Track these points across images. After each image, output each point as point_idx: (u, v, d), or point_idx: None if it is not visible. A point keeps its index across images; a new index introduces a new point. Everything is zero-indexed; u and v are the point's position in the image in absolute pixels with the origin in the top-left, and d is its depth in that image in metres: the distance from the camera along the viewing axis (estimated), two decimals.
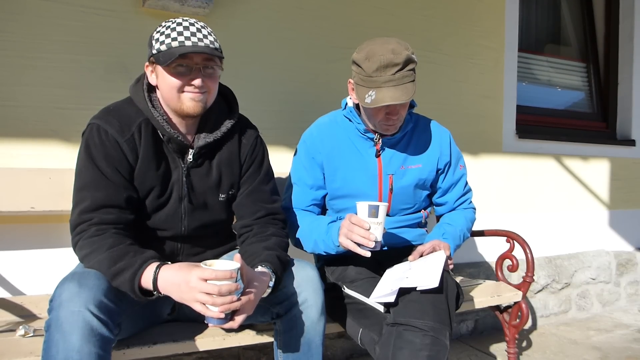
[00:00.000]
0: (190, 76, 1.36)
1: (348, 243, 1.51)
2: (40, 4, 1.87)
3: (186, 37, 1.33)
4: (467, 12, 2.94)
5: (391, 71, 1.56)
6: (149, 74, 1.42)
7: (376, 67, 1.57)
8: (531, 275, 2.11)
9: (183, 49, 1.31)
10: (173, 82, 1.36)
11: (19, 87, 1.84)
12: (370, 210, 1.48)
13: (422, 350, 1.36)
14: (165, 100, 1.42)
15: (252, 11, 2.28)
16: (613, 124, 3.74)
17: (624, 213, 3.66)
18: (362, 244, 1.48)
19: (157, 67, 1.37)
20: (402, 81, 1.57)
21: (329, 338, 2.37)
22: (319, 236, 1.65)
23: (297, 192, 1.80)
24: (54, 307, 1.15)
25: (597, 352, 2.60)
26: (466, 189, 1.94)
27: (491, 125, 3.05)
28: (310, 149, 1.79)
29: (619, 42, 3.72)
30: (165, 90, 1.39)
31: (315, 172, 1.79)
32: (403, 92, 1.56)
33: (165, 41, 1.33)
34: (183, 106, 1.38)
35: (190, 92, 1.37)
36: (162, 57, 1.33)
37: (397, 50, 1.57)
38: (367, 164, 1.77)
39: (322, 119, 1.88)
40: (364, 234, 1.47)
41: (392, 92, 1.56)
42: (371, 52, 1.59)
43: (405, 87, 1.57)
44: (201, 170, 1.48)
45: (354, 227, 1.49)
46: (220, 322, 1.21)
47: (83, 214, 1.32)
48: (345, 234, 1.52)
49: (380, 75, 1.57)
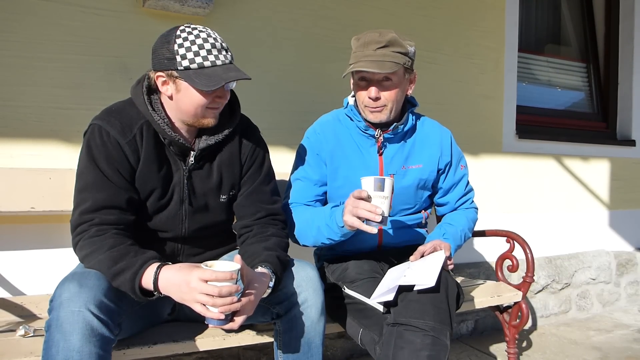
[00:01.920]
0: (216, 93, 1.37)
1: (354, 220, 1.45)
2: (40, 4, 1.87)
3: (215, 55, 1.33)
4: (467, 12, 2.94)
5: (372, 47, 1.61)
6: (160, 85, 1.38)
7: (361, 43, 1.64)
8: (531, 276, 2.11)
9: (222, 73, 1.32)
10: (201, 100, 1.35)
11: (19, 87, 1.84)
12: (376, 184, 1.42)
13: (423, 350, 1.36)
14: (182, 112, 1.40)
15: (252, 11, 2.28)
16: (613, 124, 3.74)
17: (624, 213, 3.66)
18: (368, 218, 1.43)
19: (181, 82, 1.34)
20: (381, 58, 1.60)
21: (329, 338, 2.37)
22: (322, 221, 1.60)
23: (301, 187, 1.77)
24: (54, 307, 1.15)
25: (597, 352, 2.60)
26: (467, 188, 1.94)
27: (491, 125, 3.05)
28: (314, 145, 1.79)
29: (619, 42, 3.72)
30: (187, 105, 1.37)
31: (320, 168, 1.78)
32: (378, 65, 1.59)
33: (196, 59, 1.31)
34: (204, 120, 1.40)
35: (212, 107, 1.39)
36: (196, 78, 1.31)
37: (384, 33, 1.63)
38: (369, 163, 1.77)
39: (325, 117, 1.88)
40: (370, 207, 1.42)
41: (366, 64, 1.60)
42: (363, 33, 1.67)
43: (383, 63, 1.60)
44: (202, 172, 1.48)
45: (359, 202, 1.44)
46: (220, 323, 1.21)
47: (84, 215, 1.32)
48: (350, 211, 1.46)
49: (362, 51, 1.63)
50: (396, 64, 1.61)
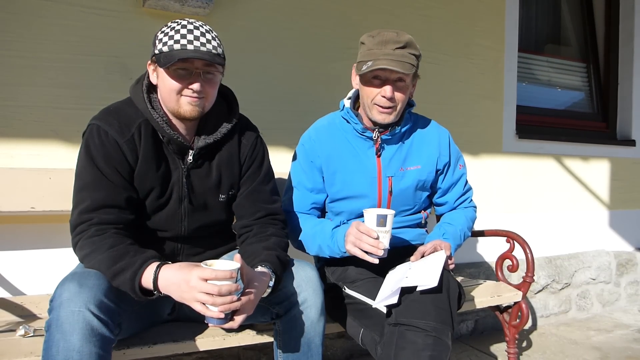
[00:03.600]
0: (189, 80, 1.36)
1: (356, 251, 1.53)
2: (40, 4, 1.87)
3: (189, 40, 1.32)
4: (467, 12, 2.94)
5: (392, 47, 1.61)
6: (151, 73, 1.42)
7: (378, 41, 1.62)
8: (531, 276, 2.11)
9: (184, 53, 1.31)
10: (172, 84, 1.36)
11: (19, 87, 1.84)
12: (378, 220, 1.49)
13: (424, 350, 1.36)
14: (164, 101, 1.42)
15: (252, 11, 2.29)
16: (613, 124, 3.74)
17: (624, 213, 3.66)
18: (371, 252, 1.49)
19: (158, 67, 1.37)
20: (401, 58, 1.60)
21: (329, 338, 2.37)
22: (324, 241, 1.66)
23: (297, 195, 1.79)
24: (55, 307, 1.15)
25: (597, 352, 2.60)
26: (466, 188, 1.94)
27: (491, 125, 3.05)
28: (309, 152, 1.78)
29: (619, 42, 3.72)
30: (164, 91, 1.39)
31: (314, 175, 1.78)
32: (400, 65, 1.60)
33: (168, 42, 1.33)
34: (180, 109, 1.38)
35: (188, 96, 1.37)
36: (162, 59, 1.33)
37: (401, 34, 1.63)
38: (366, 166, 1.77)
39: (320, 121, 1.87)
40: (373, 243, 1.48)
41: (389, 62, 1.60)
42: (377, 32, 1.66)
43: (403, 63, 1.60)
44: (201, 171, 1.48)
45: (362, 236, 1.50)
46: (220, 322, 1.21)
47: (83, 214, 1.32)
48: (353, 242, 1.53)
49: (380, 49, 1.62)
50: (412, 66, 1.63)
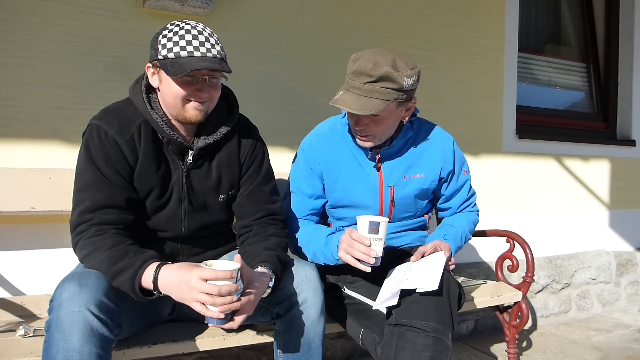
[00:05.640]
0: (196, 86, 1.35)
1: (348, 258, 1.49)
2: (40, 4, 1.87)
3: (195, 47, 1.31)
4: (467, 12, 2.94)
5: (362, 80, 1.51)
6: (150, 75, 1.40)
7: (353, 70, 1.53)
8: (531, 276, 2.11)
9: (195, 63, 1.29)
10: (178, 91, 1.34)
11: (19, 87, 1.84)
12: (370, 227, 1.46)
13: (425, 350, 1.36)
14: (166, 105, 1.40)
15: (252, 11, 2.28)
16: (613, 124, 3.74)
17: (624, 213, 3.66)
18: (362, 260, 1.46)
19: (162, 72, 1.35)
20: (369, 94, 1.50)
21: (329, 338, 2.37)
22: (318, 248, 1.63)
23: (295, 200, 1.77)
24: (55, 307, 1.16)
25: (597, 352, 2.60)
26: (470, 193, 1.91)
27: (491, 126, 3.05)
28: (309, 158, 1.75)
29: (619, 42, 3.72)
30: (168, 96, 1.37)
31: (314, 182, 1.75)
32: (363, 103, 1.50)
33: (174, 49, 1.31)
34: (186, 114, 1.37)
35: (194, 101, 1.36)
36: (170, 67, 1.31)
37: (380, 64, 1.49)
38: (367, 175, 1.73)
39: (321, 126, 1.82)
40: (365, 250, 1.45)
41: (352, 99, 1.52)
42: (361, 55, 1.54)
43: (370, 100, 1.50)
44: (201, 172, 1.48)
45: (354, 242, 1.47)
46: (220, 322, 1.21)
47: (83, 215, 1.32)
48: (345, 249, 1.50)
49: (352, 79, 1.53)
50: (384, 101, 1.50)
